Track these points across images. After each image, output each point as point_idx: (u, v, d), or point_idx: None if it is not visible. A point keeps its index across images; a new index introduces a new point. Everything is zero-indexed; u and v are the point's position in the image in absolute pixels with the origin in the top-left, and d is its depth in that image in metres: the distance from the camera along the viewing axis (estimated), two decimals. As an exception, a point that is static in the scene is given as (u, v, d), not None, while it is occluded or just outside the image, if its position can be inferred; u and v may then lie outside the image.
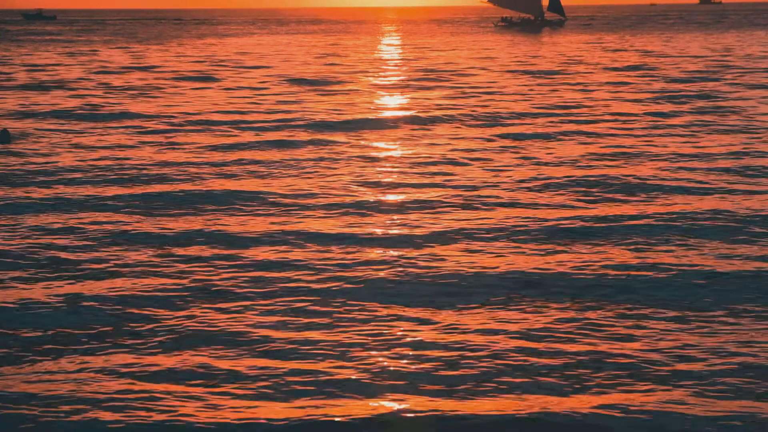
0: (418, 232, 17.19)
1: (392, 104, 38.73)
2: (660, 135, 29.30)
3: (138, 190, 21.31)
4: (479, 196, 20.29)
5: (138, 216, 19.00)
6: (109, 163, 24.92)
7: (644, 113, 34.68)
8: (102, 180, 22.75)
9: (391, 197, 20.17)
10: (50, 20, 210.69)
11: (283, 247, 16.37)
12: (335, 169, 23.94)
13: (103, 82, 50.84)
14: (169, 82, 51.45)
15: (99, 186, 22.06)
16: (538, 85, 47.32)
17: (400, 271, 14.63)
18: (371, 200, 19.90)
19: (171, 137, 29.98)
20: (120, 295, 13.62)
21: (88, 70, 60.78)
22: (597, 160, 24.92)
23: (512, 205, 19.60)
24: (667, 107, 36.45)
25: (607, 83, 47.15)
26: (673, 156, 25.22)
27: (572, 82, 48.01)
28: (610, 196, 20.43)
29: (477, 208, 19.30)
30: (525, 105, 37.86)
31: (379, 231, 17.23)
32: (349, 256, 15.66)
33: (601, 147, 27.01)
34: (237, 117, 34.92)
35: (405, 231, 17.26)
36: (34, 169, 24.11)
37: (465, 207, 19.42)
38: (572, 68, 58.02)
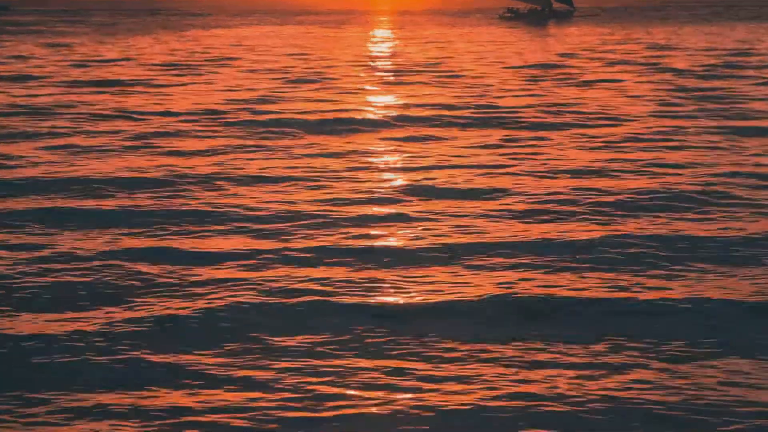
0: (408, 247, 15.84)
1: (382, 103, 36.99)
2: (671, 140, 27.46)
3: (109, 203, 19.55)
4: (474, 207, 18.76)
5: (103, 232, 17.20)
6: (76, 168, 23.14)
7: (653, 115, 32.98)
8: (64, 192, 20.94)
9: (380, 209, 18.72)
10: (5, 10, 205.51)
11: (255, 266, 14.90)
12: (319, 176, 22.20)
13: (83, 77, 49.23)
14: (151, 76, 49.82)
15: (62, 198, 20.24)
16: (540, 81, 45.67)
17: (390, 294, 13.41)
18: (359, 212, 18.40)
19: (150, 141, 28.14)
20: (70, 328, 12.04)
21: (67, 63, 59.19)
22: (601, 166, 23.19)
23: (511, 218, 18.08)
24: (677, 108, 34.71)
25: (615, 80, 45.59)
26: (686, 164, 23.50)
27: (576, 81, 46.31)
28: (620, 209, 18.74)
29: (472, 221, 17.72)
30: (526, 104, 36.08)
31: (366, 247, 15.83)
32: (334, 275, 14.30)
33: (607, 152, 25.30)
34: (219, 117, 33.18)
35: (394, 245, 15.95)
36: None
37: (458, 218, 17.91)
38: (578, 63, 56.41)
